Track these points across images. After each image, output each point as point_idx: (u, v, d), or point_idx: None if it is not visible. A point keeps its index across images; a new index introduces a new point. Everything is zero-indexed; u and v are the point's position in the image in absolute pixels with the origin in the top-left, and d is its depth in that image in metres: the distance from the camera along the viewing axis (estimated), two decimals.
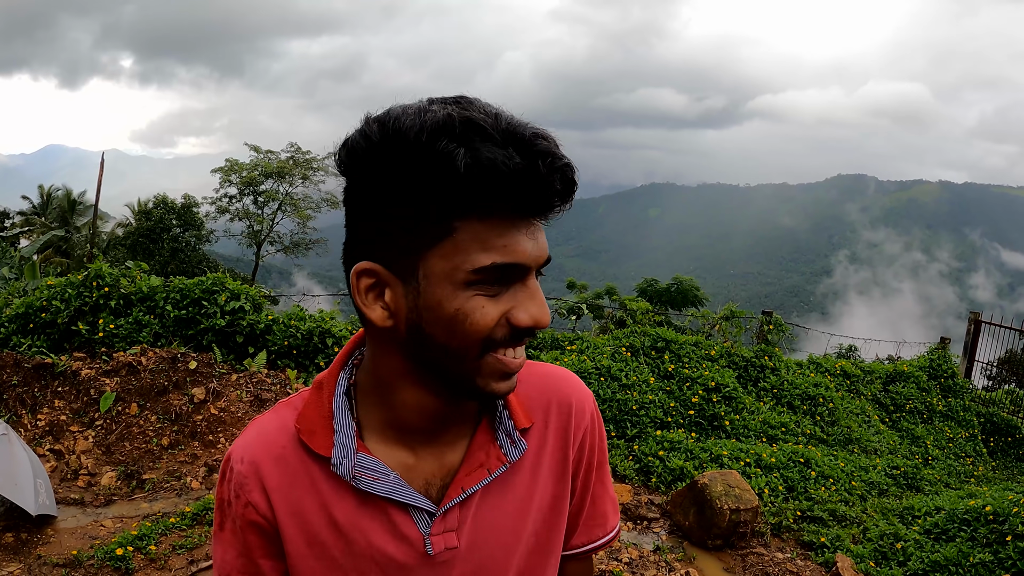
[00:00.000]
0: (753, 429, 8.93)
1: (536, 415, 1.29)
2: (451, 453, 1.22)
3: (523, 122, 1.03)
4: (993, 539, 6.06)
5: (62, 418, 6.68)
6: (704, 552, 6.22)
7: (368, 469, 1.16)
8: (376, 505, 1.18)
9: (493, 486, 1.23)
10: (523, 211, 1.03)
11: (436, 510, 1.19)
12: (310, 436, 1.18)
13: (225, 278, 8.37)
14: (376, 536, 1.18)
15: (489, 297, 1.04)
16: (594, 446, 1.36)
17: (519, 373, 1.17)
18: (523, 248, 1.03)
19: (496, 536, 1.24)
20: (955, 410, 11.84)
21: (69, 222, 32.77)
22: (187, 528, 5.32)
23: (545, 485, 1.29)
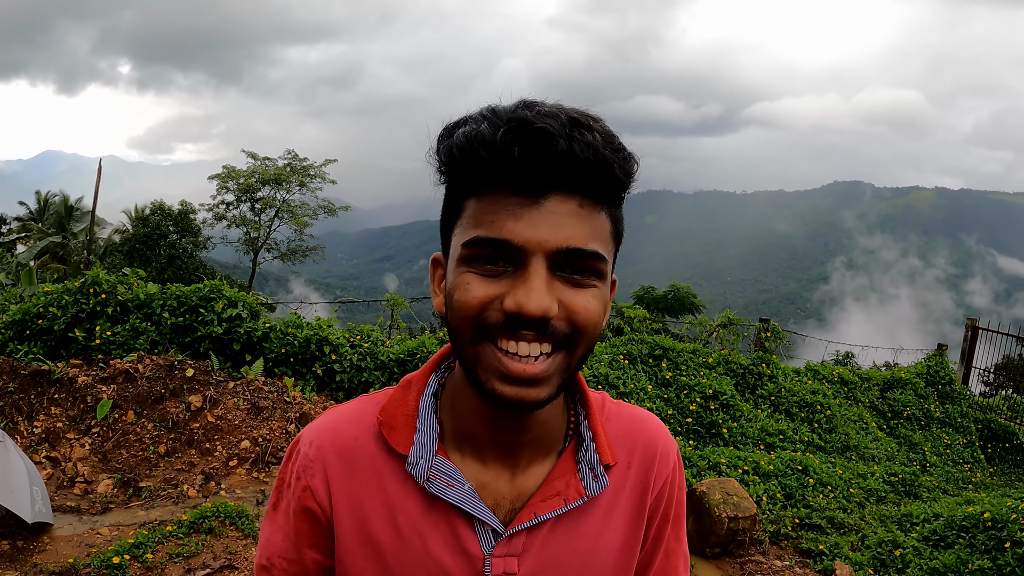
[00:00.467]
0: (751, 436, 8.93)
1: (620, 454, 1.23)
2: (527, 478, 1.17)
3: (551, 106, 1.01)
4: (992, 546, 6.06)
5: (59, 425, 6.66)
6: (703, 560, 6.21)
7: (444, 474, 1.13)
8: (442, 514, 1.14)
9: (565, 520, 1.17)
10: (511, 184, 0.99)
11: (503, 531, 1.14)
12: (390, 431, 1.16)
13: (222, 285, 8.35)
14: (436, 546, 1.14)
15: (481, 276, 1.01)
16: (672, 497, 1.30)
17: (609, 408, 1.24)
18: (511, 227, 0.98)
19: (559, 570, 1.17)
20: (953, 417, 11.86)
21: (66, 228, 32.76)
22: (184, 536, 5.29)
23: (618, 527, 1.22)
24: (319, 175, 35.38)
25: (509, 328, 1.00)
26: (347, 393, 8.28)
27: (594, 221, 1.02)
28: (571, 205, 1.00)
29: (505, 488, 1.16)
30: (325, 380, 8.24)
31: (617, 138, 1.02)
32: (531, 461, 1.17)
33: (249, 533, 5.48)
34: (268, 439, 7.00)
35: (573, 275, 1.01)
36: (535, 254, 0.98)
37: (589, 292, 1.02)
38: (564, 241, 0.99)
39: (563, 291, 1.00)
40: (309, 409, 7.51)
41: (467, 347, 1.03)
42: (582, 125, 0.98)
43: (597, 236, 1.02)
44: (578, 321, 1.01)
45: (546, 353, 1.01)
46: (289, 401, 7.52)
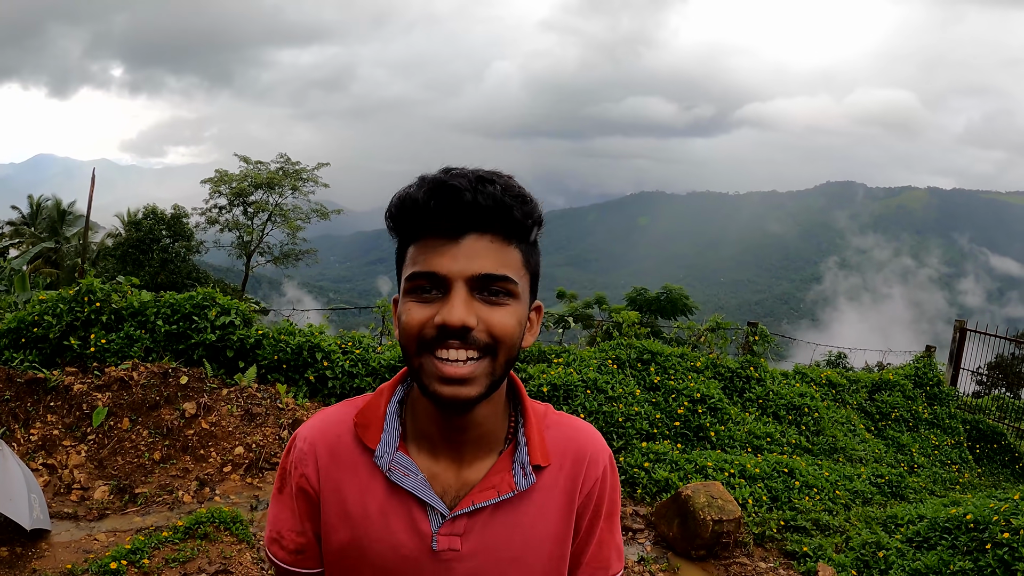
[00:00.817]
0: (738, 440, 9.02)
1: (554, 458, 1.49)
2: (471, 472, 1.45)
3: (467, 170, 1.30)
4: (973, 547, 6.15)
5: (55, 432, 6.73)
6: (688, 562, 6.31)
7: (402, 466, 1.42)
8: (401, 498, 1.42)
9: (502, 509, 1.44)
10: (434, 231, 1.29)
11: (448, 514, 1.41)
12: (364, 430, 1.46)
13: (216, 293, 8.42)
14: (395, 523, 1.42)
15: (419, 303, 1.29)
16: (603, 496, 1.56)
17: (551, 419, 1.54)
18: (437, 262, 1.27)
19: (495, 552, 1.44)
20: (941, 418, 11.95)
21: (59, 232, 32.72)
22: (180, 542, 5.37)
23: (551, 519, 1.48)
24: (311, 178, 35.35)
25: (440, 339, 1.27)
26: (339, 399, 8.34)
27: (504, 254, 1.30)
28: (484, 242, 1.28)
29: (452, 479, 1.44)
30: (317, 386, 8.32)
31: (518, 188, 1.31)
32: (475, 458, 1.45)
33: (244, 538, 5.56)
34: (262, 445, 7.08)
35: (489, 296, 1.29)
36: (456, 280, 1.27)
37: (504, 309, 1.30)
38: (478, 269, 1.27)
39: (481, 309, 1.28)
40: (302, 415, 7.59)
41: (412, 359, 1.31)
42: (486, 180, 1.28)
43: (507, 265, 1.30)
44: (495, 332, 1.28)
45: (472, 358, 1.28)
46: (282, 407, 7.60)
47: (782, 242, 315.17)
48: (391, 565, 1.43)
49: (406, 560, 1.42)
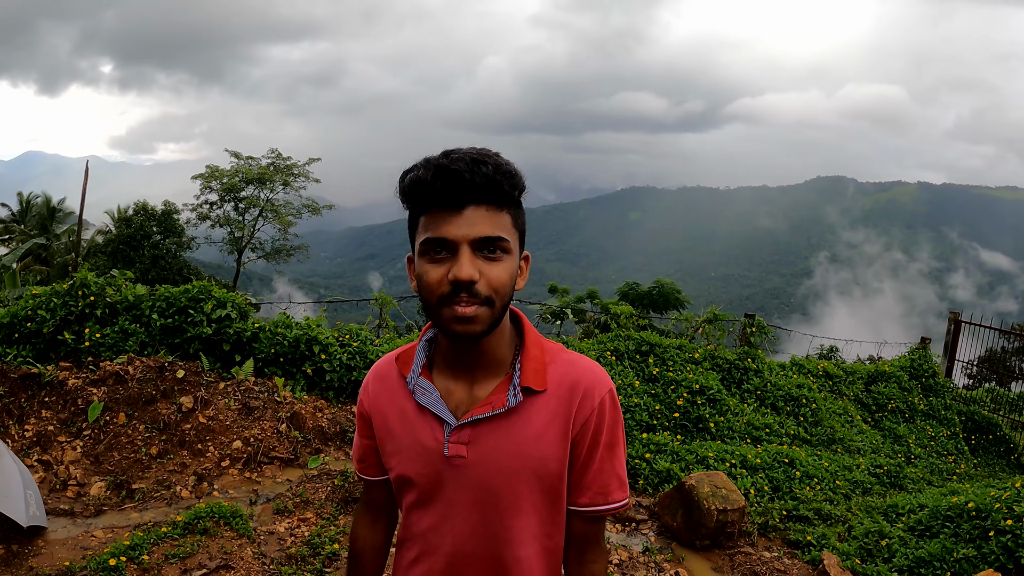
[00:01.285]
0: (738, 431, 9.00)
1: (552, 387, 1.79)
2: (480, 390, 1.80)
3: (462, 149, 1.63)
4: (976, 535, 6.14)
5: (49, 428, 6.67)
6: (692, 552, 6.28)
7: (421, 387, 1.82)
8: (426, 414, 1.81)
9: (501, 424, 1.76)
10: (440, 204, 1.61)
11: (455, 423, 1.77)
12: (403, 366, 1.89)
13: (211, 286, 8.36)
14: (421, 433, 1.81)
15: (434, 263, 1.63)
16: (600, 427, 1.81)
17: (560, 356, 1.83)
18: (444, 229, 1.60)
19: (495, 462, 1.75)
20: (936, 409, 11.96)
21: (49, 230, 32.59)
22: (179, 537, 5.31)
23: (545, 441, 1.76)
24: (303, 174, 35.31)
25: (454, 293, 1.60)
26: (337, 392, 8.31)
27: (498, 218, 1.63)
28: (481, 211, 1.61)
29: (465, 397, 1.80)
30: (315, 379, 8.26)
31: (506, 165, 1.64)
32: (483, 379, 1.80)
33: (244, 533, 5.51)
34: (260, 439, 7.03)
35: (487, 253, 1.63)
36: (462, 243, 1.60)
37: (499, 264, 1.64)
38: (478, 233, 1.60)
39: (482, 265, 1.62)
40: (300, 408, 7.54)
41: (433, 309, 1.65)
42: (479, 162, 1.59)
43: (500, 227, 1.63)
44: (493, 283, 1.62)
45: (476, 304, 1.61)
46: (280, 401, 7.55)
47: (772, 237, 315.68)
48: (419, 469, 1.81)
49: (429, 464, 1.79)
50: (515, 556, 1.80)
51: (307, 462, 7.10)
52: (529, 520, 1.79)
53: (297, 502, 6.27)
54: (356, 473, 2.08)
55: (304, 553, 5.44)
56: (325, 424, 7.66)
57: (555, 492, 1.80)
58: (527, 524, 1.79)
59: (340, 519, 6.07)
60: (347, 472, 6.81)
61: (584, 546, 1.91)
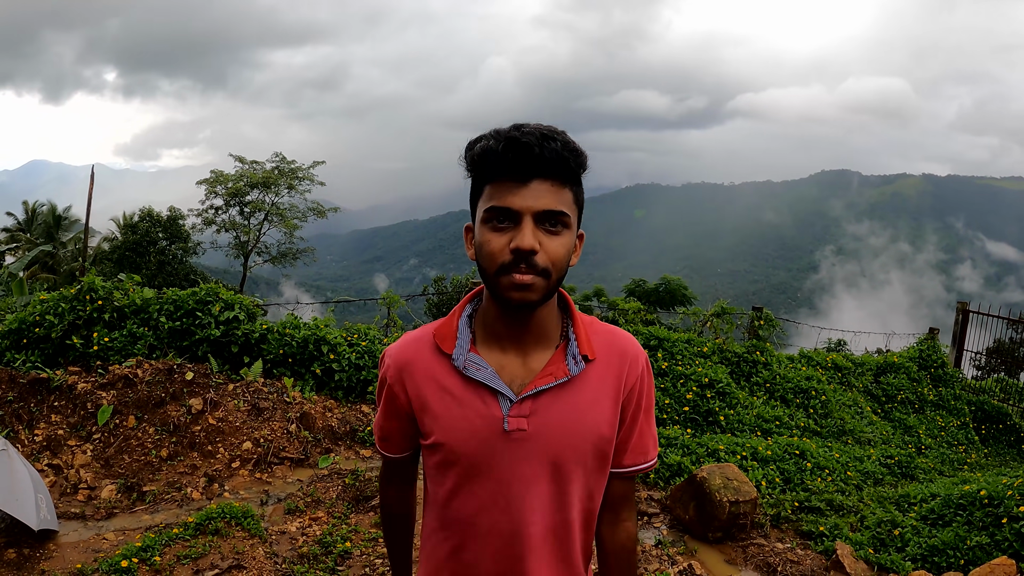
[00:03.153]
0: (748, 423, 8.99)
1: (601, 356, 1.84)
2: (533, 362, 1.80)
3: (531, 124, 1.66)
4: (989, 522, 6.12)
5: (59, 432, 6.67)
6: (705, 545, 6.27)
7: (474, 363, 1.79)
8: (475, 390, 1.78)
9: (559, 394, 1.77)
10: (509, 175, 1.64)
11: (515, 398, 1.76)
12: (442, 341, 1.83)
13: (219, 288, 8.37)
14: (471, 411, 1.78)
15: (496, 232, 1.65)
16: (643, 391, 1.90)
17: (597, 326, 1.89)
18: (509, 199, 1.63)
19: (556, 431, 1.77)
20: (946, 399, 11.94)
21: (55, 238, 32.65)
22: (190, 538, 5.31)
23: (601, 407, 1.82)
24: (307, 177, 35.32)
25: (515, 262, 1.63)
26: (346, 392, 8.31)
27: (561, 194, 1.66)
28: (546, 185, 1.64)
29: (518, 370, 1.80)
30: (324, 379, 8.27)
31: (572, 143, 1.67)
32: (535, 351, 1.81)
33: (256, 533, 5.51)
34: (269, 439, 7.03)
35: (549, 227, 1.65)
36: (526, 215, 1.63)
37: (558, 238, 1.67)
38: (542, 206, 1.63)
39: (543, 237, 1.64)
40: (309, 408, 7.54)
41: (492, 277, 1.67)
42: (549, 138, 1.63)
43: (563, 203, 1.66)
44: (551, 255, 1.65)
45: (534, 273, 1.63)
46: (289, 401, 7.55)
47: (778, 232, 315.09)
48: (471, 448, 1.78)
49: (484, 442, 1.76)
50: (565, 521, 1.83)
51: (317, 462, 7.11)
52: (579, 484, 1.83)
53: (308, 501, 6.27)
54: (381, 452, 2.06)
55: (316, 552, 5.44)
56: (335, 424, 7.66)
57: (606, 456, 1.85)
58: (576, 488, 1.83)
59: (351, 518, 6.07)
60: (358, 471, 6.81)
61: (620, 505, 1.98)
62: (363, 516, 6.06)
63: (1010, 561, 5.50)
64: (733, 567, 6.00)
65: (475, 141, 1.70)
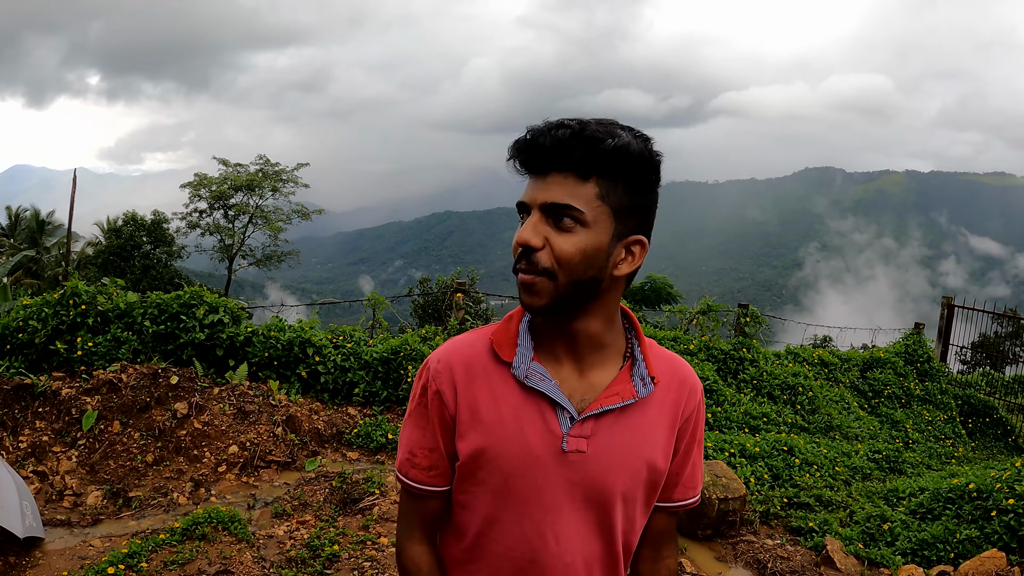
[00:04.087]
0: (735, 420, 9.00)
1: (663, 379, 1.69)
2: (593, 379, 1.63)
3: (568, 119, 1.52)
4: (978, 515, 6.14)
5: (44, 439, 6.62)
6: (695, 542, 6.26)
7: (537, 372, 1.60)
8: (534, 403, 1.60)
9: (625, 416, 1.63)
10: (527, 169, 1.55)
11: (577, 416, 1.59)
12: (500, 348, 1.64)
13: (203, 291, 8.31)
14: (528, 426, 1.59)
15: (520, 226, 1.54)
16: (698, 422, 1.77)
17: (657, 349, 1.74)
18: (526, 193, 1.54)
19: (615, 456, 1.61)
20: (932, 394, 11.99)
21: (38, 243, 32.45)
22: (177, 544, 5.27)
23: (660, 434, 1.68)
24: (291, 179, 35.28)
25: (518, 257, 1.52)
26: (332, 394, 8.27)
27: (577, 188, 1.49)
28: (561, 178, 1.50)
29: (576, 385, 1.62)
30: (310, 382, 8.22)
31: (594, 132, 1.48)
32: (596, 367, 1.64)
33: (243, 537, 5.47)
34: (256, 443, 6.99)
35: (556, 221, 1.50)
36: (533, 206, 1.52)
37: (569, 236, 1.50)
38: (547, 198, 1.50)
39: (550, 233, 1.50)
40: (295, 411, 7.50)
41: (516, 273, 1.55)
42: (560, 126, 1.50)
43: (576, 197, 1.49)
44: (556, 254, 1.49)
45: (536, 273, 1.50)
46: (275, 404, 7.51)
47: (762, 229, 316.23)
48: (521, 468, 1.60)
49: (537, 461, 1.59)
50: (612, 554, 1.69)
51: (304, 465, 7.07)
52: (625, 515, 1.68)
53: (295, 505, 6.23)
54: (414, 484, 1.72)
55: (304, 556, 5.40)
56: (321, 426, 7.63)
57: (656, 487, 1.71)
58: (621, 519, 1.67)
59: (339, 521, 6.03)
60: (345, 474, 6.78)
61: (661, 541, 1.85)
62: (351, 519, 6.03)
63: (1000, 554, 5.52)
64: (723, 564, 6.00)
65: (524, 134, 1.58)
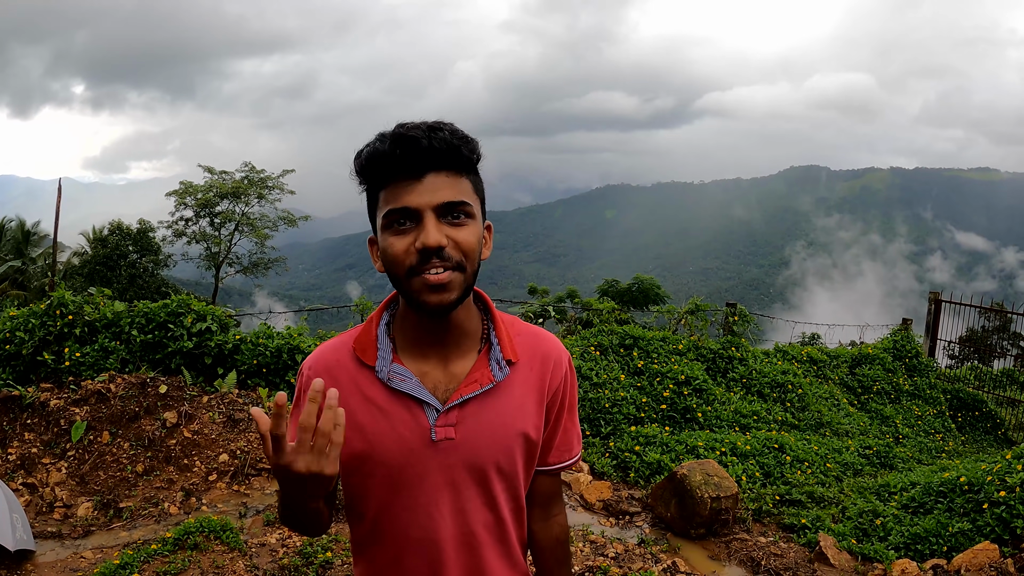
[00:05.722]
0: (725, 419, 9.01)
1: (524, 359, 1.82)
2: (456, 368, 1.75)
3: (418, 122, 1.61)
4: (970, 508, 6.17)
5: (33, 450, 6.59)
6: (688, 541, 6.27)
7: (398, 374, 1.72)
8: (401, 401, 1.71)
9: (485, 401, 1.74)
10: (400, 174, 1.59)
11: (441, 407, 1.71)
12: (362, 353, 1.76)
13: (190, 299, 8.27)
14: (399, 423, 1.71)
15: (398, 235, 1.59)
16: (566, 391, 1.90)
17: (519, 327, 1.87)
18: (406, 198, 1.57)
19: (483, 438, 1.73)
20: (921, 388, 12.03)
21: (24, 253, 32.25)
22: (169, 554, 5.25)
23: (527, 411, 1.80)
24: (277, 186, 35.17)
25: (423, 261, 1.57)
26: None
27: (458, 184, 1.61)
28: (441, 177, 1.59)
29: (440, 378, 1.75)
30: None
31: (461, 131, 1.62)
32: (457, 357, 1.76)
33: (235, 546, 5.45)
34: (246, 451, 6.97)
35: (452, 219, 1.60)
36: (426, 210, 1.57)
37: (465, 228, 1.61)
38: (441, 198, 1.58)
39: (448, 230, 1.59)
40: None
41: (403, 282, 1.61)
42: (436, 128, 1.59)
43: (462, 192, 1.61)
44: (462, 247, 1.59)
45: (448, 269, 1.58)
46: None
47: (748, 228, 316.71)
48: (401, 460, 1.72)
49: (413, 452, 1.71)
50: (500, 519, 1.82)
51: None
52: (508, 485, 1.81)
53: None
54: None
55: (297, 563, 5.39)
56: None
57: (532, 457, 1.85)
58: (505, 488, 1.81)
59: (332, 527, 6.02)
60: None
61: (550, 501, 1.99)
62: (343, 525, 6.01)
63: (992, 546, 5.55)
64: (717, 563, 6.01)
65: (361, 150, 1.66)
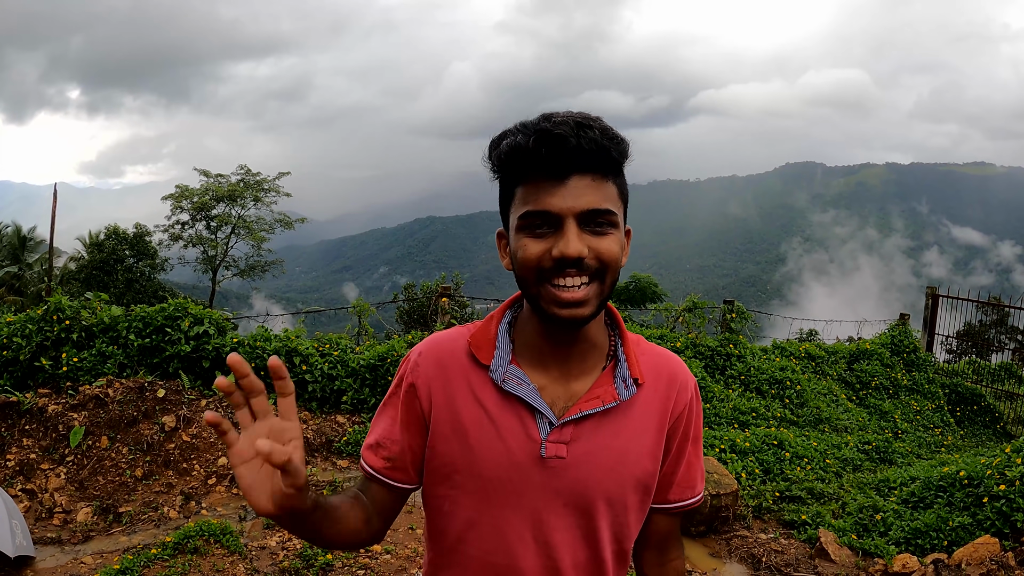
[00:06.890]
0: (724, 416, 9.01)
1: (649, 380, 1.63)
2: (577, 384, 1.59)
3: (560, 112, 1.46)
4: (970, 502, 6.17)
5: (32, 456, 6.57)
6: (688, 539, 6.26)
7: (515, 376, 1.56)
8: (513, 408, 1.56)
9: (606, 420, 1.58)
10: (542, 173, 1.44)
11: (556, 421, 1.54)
12: (477, 349, 1.61)
13: (187, 303, 8.25)
14: (506, 431, 1.55)
15: (535, 239, 1.45)
16: (691, 419, 1.70)
17: (644, 346, 1.69)
18: (547, 201, 1.43)
19: (596, 461, 1.56)
20: (920, 383, 12.03)
21: (20, 259, 32.24)
22: (170, 558, 5.24)
23: (646, 435, 1.62)
24: (273, 188, 35.19)
25: (558, 269, 1.44)
26: (320, 403, 8.24)
27: (604, 189, 1.46)
28: (586, 180, 1.44)
29: (560, 391, 1.58)
30: (297, 391, 8.17)
31: (611, 130, 1.46)
32: (580, 371, 1.59)
33: (235, 550, 5.45)
34: None
35: (595, 227, 1.45)
36: (567, 217, 1.43)
37: (608, 237, 1.46)
38: (585, 205, 1.43)
39: (590, 239, 1.44)
40: None
41: (531, 288, 1.48)
42: (585, 126, 1.42)
43: (607, 199, 1.46)
44: (603, 258, 1.45)
45: (584, 283, 1.45)
46: None
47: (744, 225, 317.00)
48: (499, 473, 1.56)
49: (516, 467, 1.55)
50: (598, 559, 1.62)
51: None
52: (614, 520, 1.61)
53: None
54: (371, 471, 1.67)
55: (297, 566, 5.38)
56: (310, 435, 7.60)
57: (648, 490, 1.65)
58: (609, 524, 1.61)
59: None
60: (335, 482, 6.75)
61: (666, 543, 1.79)
62: None
63: (993, 540, 5.54)
64: (718, 560, 6.01)
65: (500, 138, 1.50)
